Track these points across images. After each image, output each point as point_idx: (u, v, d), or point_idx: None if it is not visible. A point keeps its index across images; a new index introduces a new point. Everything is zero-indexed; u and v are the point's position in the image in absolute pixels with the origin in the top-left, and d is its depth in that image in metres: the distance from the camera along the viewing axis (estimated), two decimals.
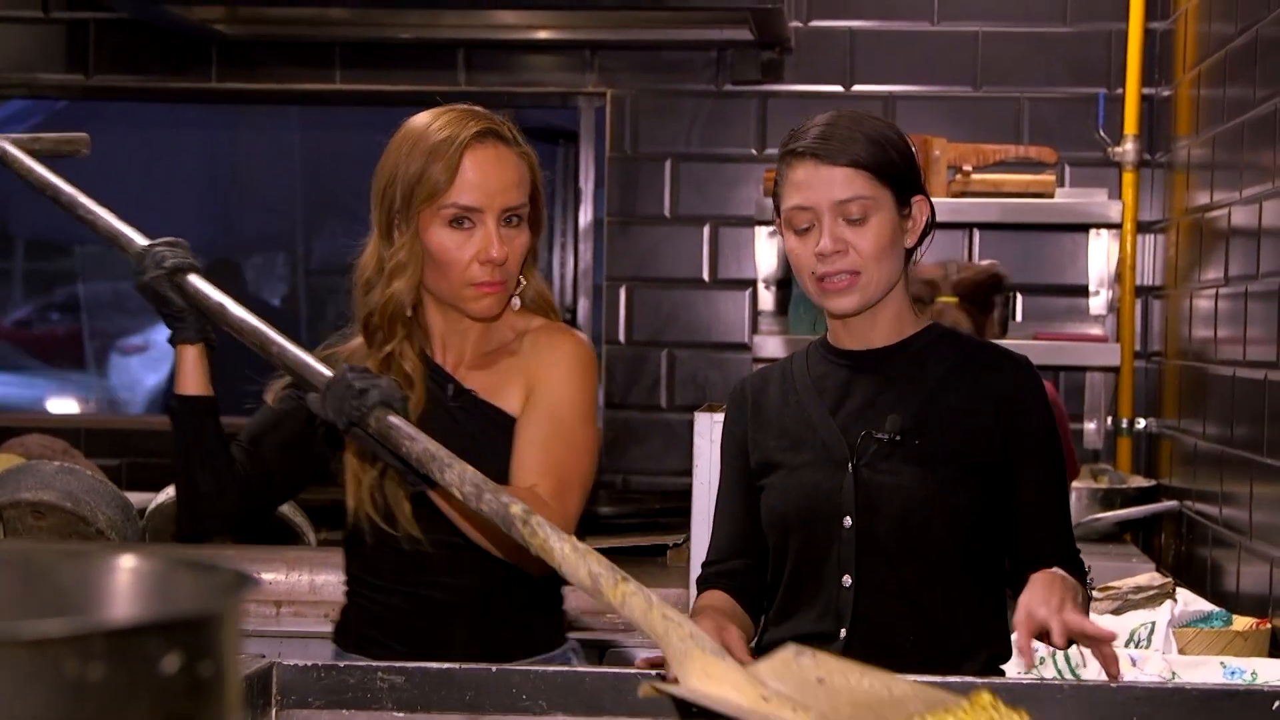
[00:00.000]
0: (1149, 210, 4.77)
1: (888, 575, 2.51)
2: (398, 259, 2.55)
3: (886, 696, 1.74)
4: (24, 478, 3.68)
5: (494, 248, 2.53)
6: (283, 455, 2.65)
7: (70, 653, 0.77)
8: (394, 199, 2.55)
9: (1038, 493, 2.55)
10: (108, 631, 0.79)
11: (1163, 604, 3.29)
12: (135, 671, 0.80)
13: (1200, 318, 4.09)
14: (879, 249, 2.50)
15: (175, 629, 0.82)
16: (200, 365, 2.54)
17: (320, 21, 4.92)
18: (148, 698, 0.81)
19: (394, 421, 2.16)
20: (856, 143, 2.49)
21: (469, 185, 2.53)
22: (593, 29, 4.93)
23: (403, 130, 2.60)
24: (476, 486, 2.03)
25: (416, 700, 2.06)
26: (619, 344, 5.00)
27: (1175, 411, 4.43)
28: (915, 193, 2.56)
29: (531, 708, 2.05)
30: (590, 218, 5.25)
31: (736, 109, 4.95)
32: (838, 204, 2.49)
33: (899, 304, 2.59)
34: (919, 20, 4.87)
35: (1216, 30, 4.05)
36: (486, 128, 2.57)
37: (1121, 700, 1.99)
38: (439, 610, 2.61)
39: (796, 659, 1.79)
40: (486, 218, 2.54)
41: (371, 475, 2.57)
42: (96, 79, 5.16)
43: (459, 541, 2.54)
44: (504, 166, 2.57)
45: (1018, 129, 4.84)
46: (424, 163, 2.53)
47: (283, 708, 2.08)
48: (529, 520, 1.94)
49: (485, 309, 2.59)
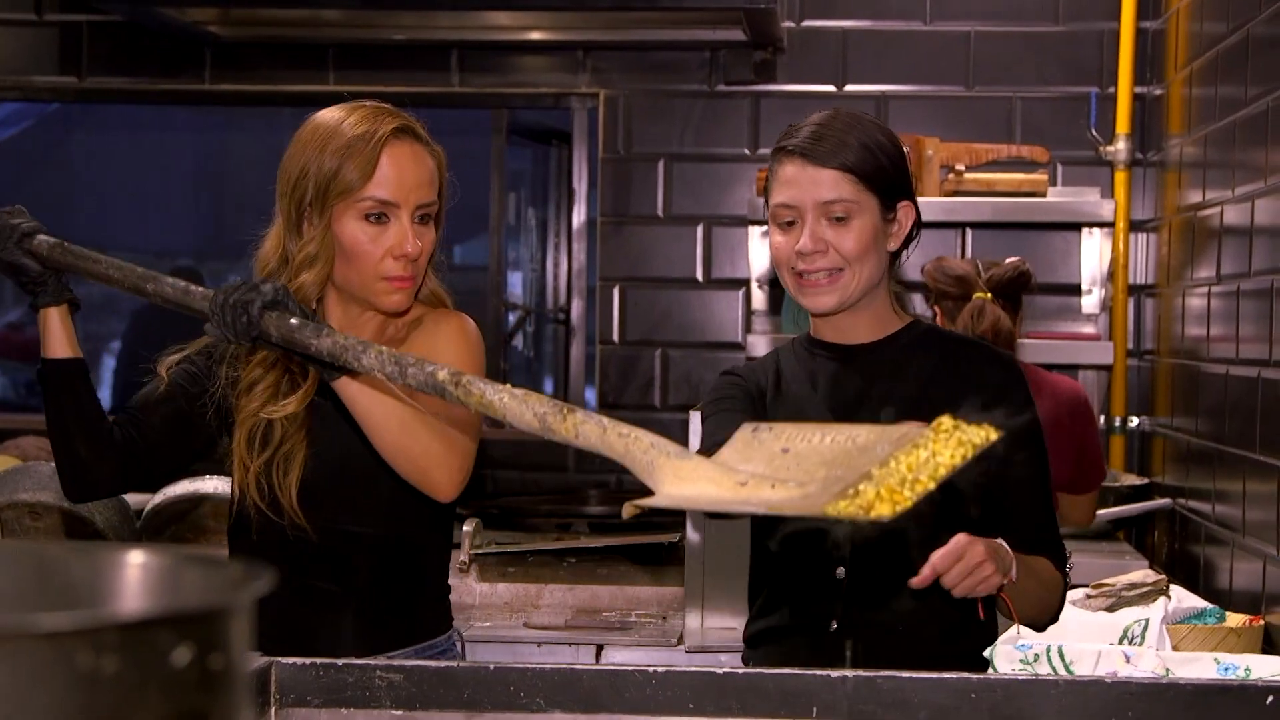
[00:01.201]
0: (1141, 209, 4.78)
1: (880, 568, 2.53)
2: (307, 251, 2.55)
3: (852, 448, 1.71)
4: (21, 479, 3.68)
5: (409, 243, 2.55)
6: (169, 428, 2.62)
7: (83, 645, 0.78)
8: (305, 192, 2.55)
9: (1022, 490, 2.59)
10: (120, 624, 0.80)
11: (1156, 601, 3.31)
12: (147, 664, 0.81)
13: (1193, 316, 4.10)
14: (860, 249, 2.53)
15: (186, 622, 0.83)
16: (66, 327, 2.54)
17: (313, 23, 4.93)
18: (159, 690, 0.82)
19: (294, 323, 2.16)
20: (846, 146, 2.53)
21: (386, 181, 2.54)
22: (586, 30, 4.93)
23: (311, 125, 2.60)
24: (398, 363, 2.01)
25: (415, 698, 2.07)
26: (613, 344, 5.01)
27: (1168, 409, 4.45)
28: (901, 198, 2.58)
29: (529, 705, 2.05)
30: (583, 218, 5.26)
31: (729, 109, 4.96)
32: (822, 204, 2.53)
33: (880, 303, 2.62)
34: (911, 20, 4.89)
35: (1208, 29, 4.06)
36: (403, 124, 2.59)
37: (1116, 696, 2.00)
38: (325, 602, 2.61)
39: (755, 435, 1.77)
40: (401, 213, 2.55)
41: (258, 462, 2.57)
42: (90, 81, 5.16)
43: (346, 529, 2.56)
44: (419, 164, 2.59)
45: (1010, 128, 4.85)
46: (340, 159, 2.53)
47: (282, 706, 2.08)
48: (460, 381, 1.93)
49: (397, 304, 2.60)
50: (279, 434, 2.56)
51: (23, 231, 2.43)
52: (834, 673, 2.03)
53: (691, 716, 2.03)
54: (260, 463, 2.57)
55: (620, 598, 3.79)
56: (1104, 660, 3.02)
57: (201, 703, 0.84)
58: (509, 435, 5.27)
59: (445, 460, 2.47)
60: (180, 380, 2.62)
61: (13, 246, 2.43)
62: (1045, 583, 2.58)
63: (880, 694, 2.01)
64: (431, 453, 2.44)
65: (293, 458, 2.56)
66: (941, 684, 2.01)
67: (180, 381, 2.62)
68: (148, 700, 0.81)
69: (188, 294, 2.27)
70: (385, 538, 2.60)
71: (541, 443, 5.80)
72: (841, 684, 2.02)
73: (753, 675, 2.06)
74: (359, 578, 2.61)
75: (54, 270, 2.46)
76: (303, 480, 2.55)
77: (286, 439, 2.56)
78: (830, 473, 1.67)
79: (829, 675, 2.03)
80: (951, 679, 2.01)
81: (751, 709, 2.03)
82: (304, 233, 2.56)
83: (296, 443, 2.56)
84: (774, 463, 1.72)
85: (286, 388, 2.58)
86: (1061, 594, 2.65)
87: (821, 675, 2.03)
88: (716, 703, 2.03)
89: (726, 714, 2.03)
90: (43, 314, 2.53)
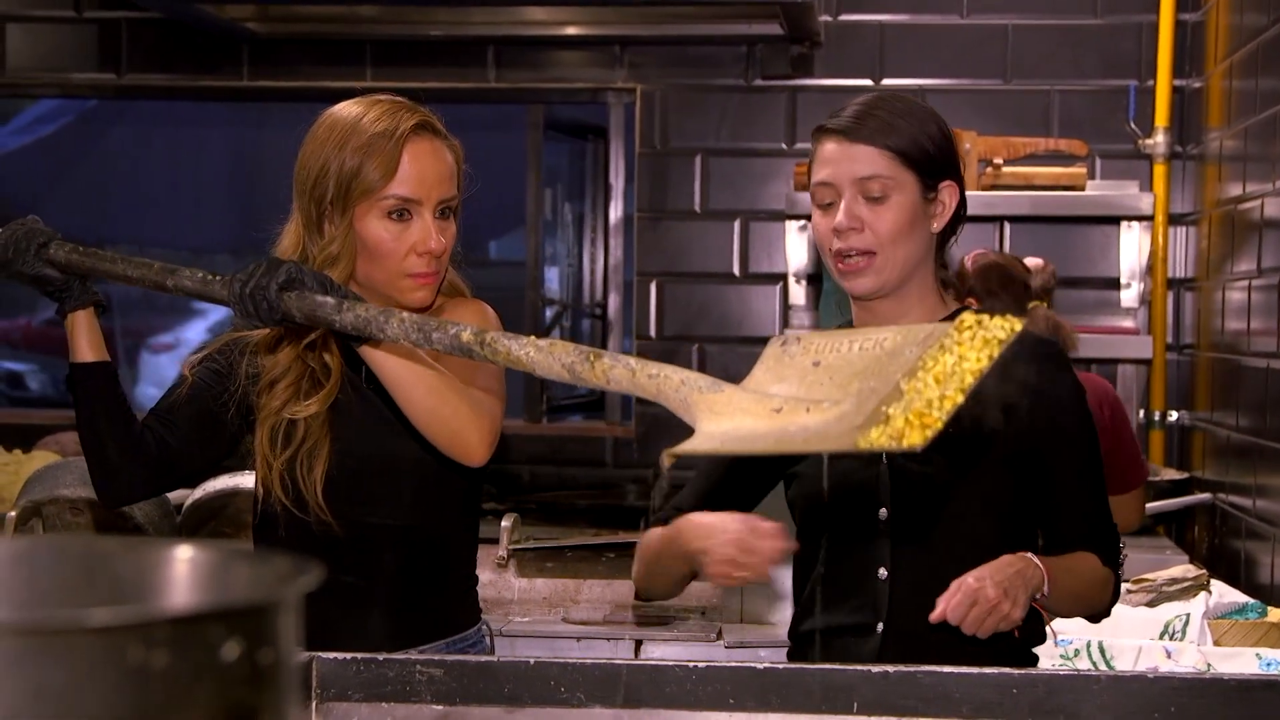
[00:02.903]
0: (1180, 202, 4.76)
1: (923, 567, 2.51)
2: (329, 251, 2.54)
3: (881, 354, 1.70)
4: (62, 475, 3.70)
5: (432, 239, 2.54)
6: (197, 429, 2.60)
7: (134, 640, 0.78)
8: (326, 191, 2.53)
9: (1069, 481, 2.54)
10: (170, 619, 0.80)
11: (1197, 596, 3.29)
12: (197, 659, 0.81)
13: (1232, 309, 4.08)
14: (896, 230, 2.48)
15: (236, 617, 0.83)
16: (94, 330, 2.52)
17: (350, 19, 4.94)
18: (209, 685, 0.82)
19: (316, 300, 2.15)
20: (885, 124, 2.49)
21: (408, 178, 2.53)
22: (622, 25, 4.93)
23: (329, 121, 2.58)
24: (421, 328, 2.01)
25: (455, 693, 2.07)
26: (649, 339, 5.01)
27: (1208, 404, 4.42)
28: (944, 177, 2.54)
29: (569, 700, 2.05)
30: (620, 213, 5.26)
31: (766, 104, 4.95)
32: (858, 181, 2.48)
33: (925, 289, 2.57)
34: (949, 14, 4.87)
35: (1248, 21, 4.03)
36: (422, 120, 2.58)
37: (1159, 691, 1.99)
38: (353, 597, 2.59)
39: (784, 350, 1.76)
40: (424, 210, 2.54)
41: (281, 459, 2.57)
42: (128, 78, 5.18)
43: (371, 523, 2.56)
44: (439, 159, 2.57)
45: (1048, 122, 4.83)
46: (361, 157, 2.52)
47: (322, 700, 2.09)
48: (484, 339, 1.92)
49: (421, 300, 2.59)
50: (302, 431, 2.56)
51: (39, 242, 2.41)
52: (875, 668, 2.03)
53: (732, 712, 2.03)
54: (284, 460, 2.57)
55: None
56: (1145, 656, 3.01)
57: (250, 697, 0.84)
58: (546, 431, 5.27)
59: (475, 422, 2.46)
60: (205, 379, 2.61)
61: (32, 258, 2.41)
62: (1090, 582, 2.54)
63: (921, 689, 2.01)
64: (461, 414, 2.44)
65: (317, 454, 2.56)
66: (983, 679, 2.00)
67: (205, 380, 2.61)
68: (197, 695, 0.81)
69: (207, 284, 2.26)
70: (411, 531, 2.60)
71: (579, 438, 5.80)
72: (883, 679, 2.01)
73: (793, 670, 2.05)
74: (386, 572, 2.61)
75: (75, 275, 2.45)
76: (327, 476, 2.55)
77: (309, 436, 2.56)
78: (864, 384, 1.65)
79: (870, 670, 2.02)
80: (993, 674, 2.00)
81: (792, 704, 2.02)
82: (325, 232, 2.55)
83: (320, 439, 2.55)
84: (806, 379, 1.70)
85: (308, 386, 2.58)
86: (1113, 589, 2.61)
87: (862, 670, 2.03)
88: (757, 698, 2.02)
89: (767, 709, 2.02)
90: (70, 319, 2.51)
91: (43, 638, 0.79)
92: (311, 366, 2.57)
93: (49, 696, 0.79)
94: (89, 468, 2.59)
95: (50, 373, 9.49)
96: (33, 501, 3.65)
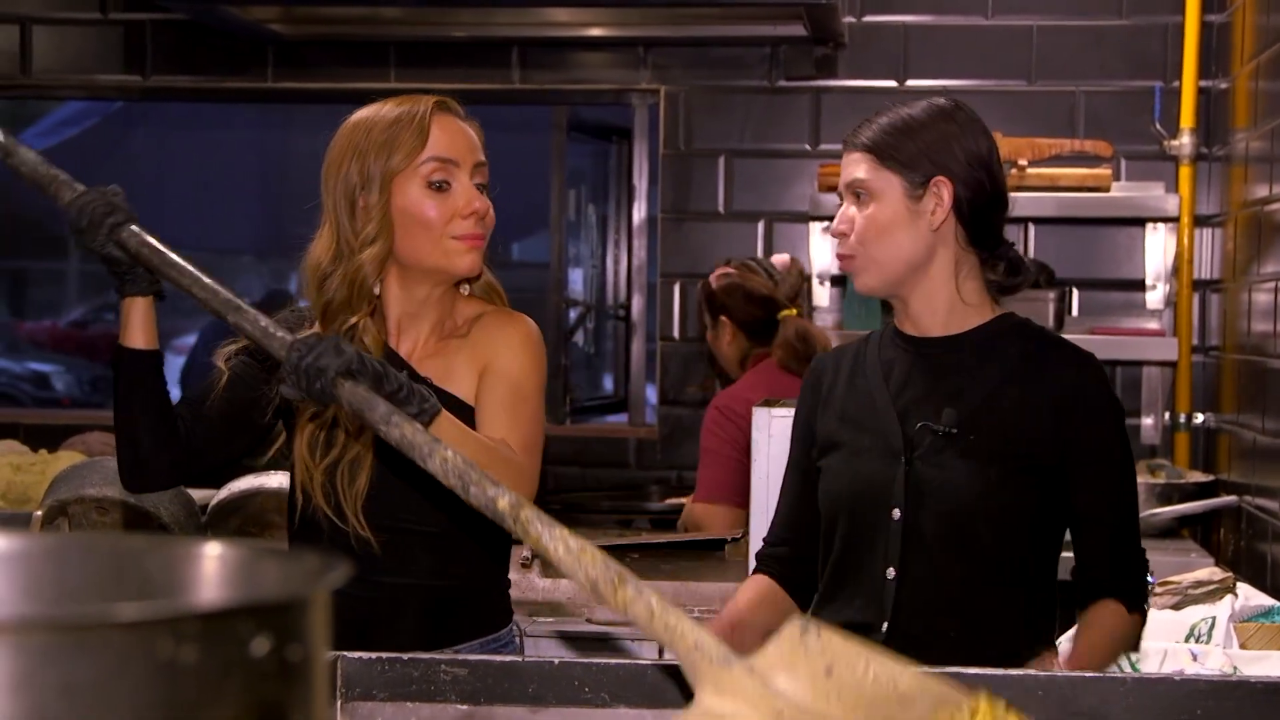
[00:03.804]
0: (1206, 204, 4.74)
1: (931, 570, 2.49)
2: (366, 233, 2.54)
3: (893, 694, 1.71)
4: (88, 474, 3.71)
5: (476, 199, 2.56)
6: (225, 422, 2.59)
7: (163, 635, 0.79)
8: (354, 177, 2.55)
9: (1096, 501, 2.50)
10: (200, 615, 0.80)
11: (1223, 599, 3.28)
12: (226, 654, 0.81)
13: (1259, 311, 4.06)
14: (870, 230, 2.52)
15: (265, 613, 0.83)
16: (149, 319, 2.48)
17: (375, 21, 4.95)
18: (238, 680, 0.82)
19: (369, 399, 2.08)
20: (872, 127, 2.55)
21: (441, 142, 2.56)
22: (646, 26, 4.94)
23: (350, 123, 2.61)
24: (461, 477, 1.98)
25: (480, 692, 2.07)
26: (673, 340, 5.01)
27: (1234, 406, 4.41)
28: (935, 173, 2.52)
29: (594, 700, 2.05)
30: (644, 214, 5.26)
31: (790, 105, 4.95)
32: (847, 185, 2.56)
33: (951, 290, 2.56)
34: (973, 14, 4.86)
35: (1274, 22, 4.02)
36: (441, 100, 2.61)
37: (1185, 694, 1.98)
38: (388, 597, 2.59)
39: (803, 639, 1.76)
40: (461, 174, 2.56)
41: (322, 465, 2.56)
42: (154, 79, 5.20)
43: (409, 527, 2.56)
44: (466, 130, 2.61)
45: (1073, 123, 4.82)
46: (389, 134, 2.54)
47: (347, 700, 2.09)
48: (518, 515, 1.91)
49: (470, 264, 2.59)
50: (342, 438, 2.56)
51: (115, 221, 2.33)
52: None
53: None
54: (324, 466, 2.57)
55: (683, 593, 3.78)
56: (1170, 658, 3.00)
57: (280, 693, 0.85)
58: (569, 432, 5.28)
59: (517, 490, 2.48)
60: (240, 372, 2.61)
61: (104, 237, 2.34)
62: (1114, 649, 2.52)
63: None
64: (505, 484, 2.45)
65: (360, 464, 2.55)
66: (1007, 680, 2.00)
67: (239, 373, 2.61)
68: (226, 690, 0.81)
69: (267, 336, 2.19)
70: (448, 533, 2.60)
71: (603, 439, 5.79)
72: None
73: None
74: (421, 573, 2.61)
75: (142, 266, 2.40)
76: (369, 490, 2.55)
77: (350, 445, 2.56)
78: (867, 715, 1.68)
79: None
80: (1018, 675, 2.00)
81: None
82: (359, 217, 2.55)
83: (364, 447, 2.54)
84: (816, 684, 1.72)
85: None
86: (1134, 638, 2.58)
87: None
88: None
89: None
90: (127, 302, 2.47)
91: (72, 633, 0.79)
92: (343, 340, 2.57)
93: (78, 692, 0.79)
94: (118, 449, 2.57)
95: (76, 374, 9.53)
96: (59, 501, 3.66)
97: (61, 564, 0.99)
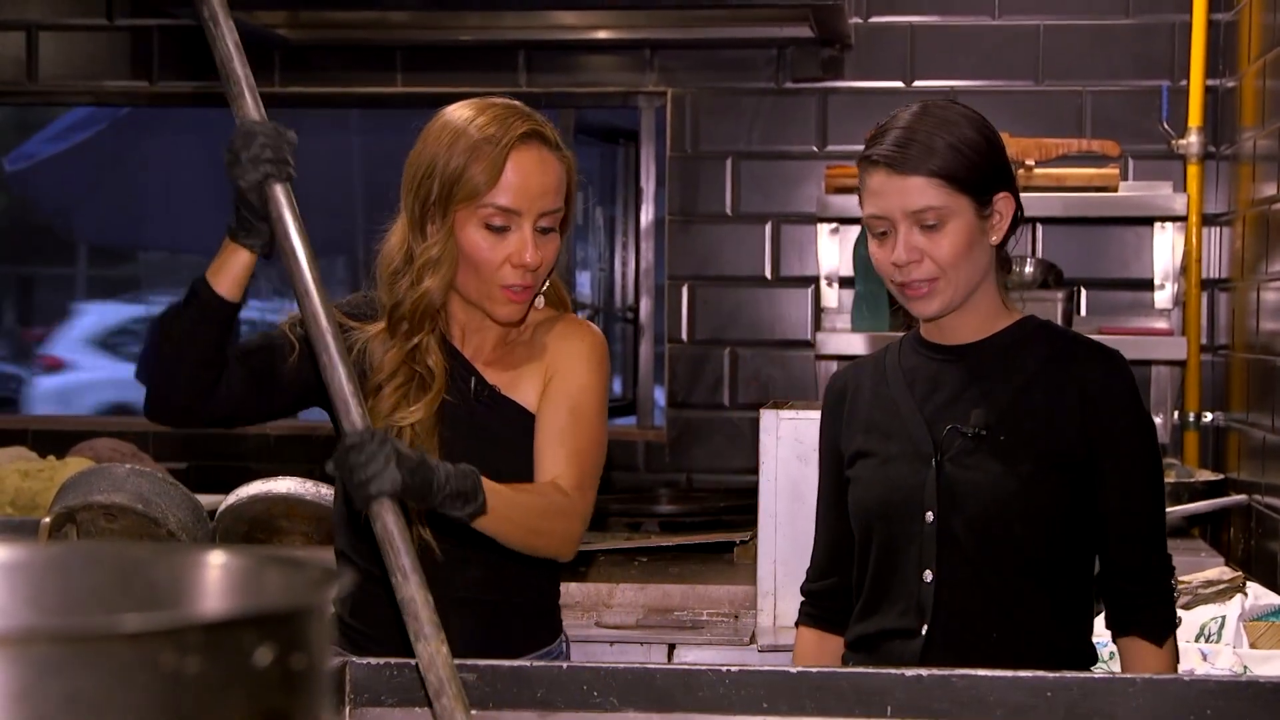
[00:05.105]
0: (1214, 203, 4.73)
1: (968, 571, 2.49)
2: (430, 255, 2.52)
3: None
4: (96, 480, 3.71)
5: (529, 252, 2.51)
6: (254, 380, 2.50)
7: (167, 646, 0.79)
8: (430, 191, 2.52)
9: (1123, 496, 2.51)
10: (203, 625, 0.80)
11: (1233, 598, 3.27)
12: (230, 664, 0.81)
13: (1268, 310, 4.06)
14: (955, 255, 2.47)
15: (268, 623, 0.83)
16: (247, 273, 2.36)
17: (381, 25, 4.95)
18: (242, 690, 0.82)
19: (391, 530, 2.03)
20: (932, 150, 2.46)
21: (510, 188, 2.50)
22: (652, 28, 4.93)
23: (441, 121, 2.57)
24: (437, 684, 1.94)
25: (489, 697, 2.07)
26: (681, 343, 5.01)
27: (1243, 405, 4.40)
28: (998, 190, 2.52)
29: (603, 704, 2.05)
30: (651, 217, 5.26)
31: (797, 106, 4.95)
32: (911, 214, 2.47)
33: (987, 300, 2.56)
34: (980, 15, 4.86)
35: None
36: (532, 129, 2.54)
37: (1195, 694, 1.98)
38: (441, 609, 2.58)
39: None
40: (524, 222, 2.52)
41: None
42: (160, 85, 5.20)
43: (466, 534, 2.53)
44: (545, 170, 2.54)
45: (1080, 123, 4.81)
46: (465, 160, 2.50)
47: (356, 706, 2.09)
48: None
49: (509, 315, 2.57)
50: (409, 440, 2.50)
51: (266, 172, 2.18)
52: (908, 671, 2.02)
53: (765, 715, 2.03)
54: None
55: (692, 597, 3.78)
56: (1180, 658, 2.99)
57: (283, 702, 0.85)
58: None
59: (568, 533, 2.51)
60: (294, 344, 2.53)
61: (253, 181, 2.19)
62: None
63: (955, 692, 2.00)
64: (556, 533, 2.49)
65: None
66: (1017, 682, 2.00)
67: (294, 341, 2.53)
68: (230, 700, 0.82)
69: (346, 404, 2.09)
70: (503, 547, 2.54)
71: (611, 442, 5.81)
72: (916, 682, 2.01)
73: (826, 674, 2.05)
74: (475, 585, 2.59)
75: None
76: None
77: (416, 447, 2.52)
78: None
79: (903, 674, 2.02)
80: (1027, 677, 2.00)
81: (825, 708, 2.02)
82: (427, 234, 2.53)
83: (432, 452, 2.48)
84: None
85: (416, 390, 2.56)
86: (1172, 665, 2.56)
87: (896, 673, 2.02)
88: (790, 702, 2.02)
89: (800, 713, 2.02)
90: (233, 246, 2.33)
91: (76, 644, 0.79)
92: (418, 371, 2.55)
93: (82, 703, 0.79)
94: (151, 374, 2.48)
95: None
96: (67, 507, 3.67)
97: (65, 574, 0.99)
